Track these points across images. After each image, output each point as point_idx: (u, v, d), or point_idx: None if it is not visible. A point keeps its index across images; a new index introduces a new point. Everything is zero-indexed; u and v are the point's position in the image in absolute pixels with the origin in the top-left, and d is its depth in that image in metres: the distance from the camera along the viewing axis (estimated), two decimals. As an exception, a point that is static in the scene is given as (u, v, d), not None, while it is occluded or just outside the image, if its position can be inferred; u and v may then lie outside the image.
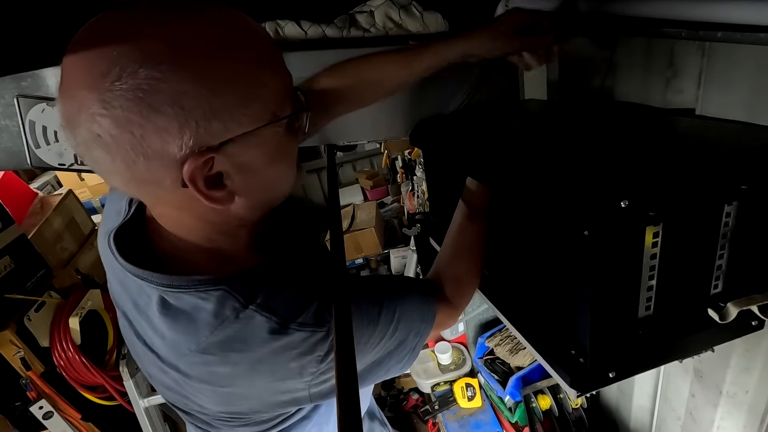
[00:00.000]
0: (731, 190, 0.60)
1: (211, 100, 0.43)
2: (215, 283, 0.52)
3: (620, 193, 0.54)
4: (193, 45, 0.43)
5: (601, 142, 0.75)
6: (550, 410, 1.58)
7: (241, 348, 0.53)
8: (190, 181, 0.46)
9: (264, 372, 0.55)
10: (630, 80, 0.91)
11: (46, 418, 1.46)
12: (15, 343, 1.37)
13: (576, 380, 0.66)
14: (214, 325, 0.52)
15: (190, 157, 0.44)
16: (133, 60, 0.40)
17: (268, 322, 0.53)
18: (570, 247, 0.62)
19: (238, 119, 0.46)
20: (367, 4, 1.06)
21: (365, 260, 2.65)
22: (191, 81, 0.42)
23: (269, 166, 0.52)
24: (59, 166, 1.09)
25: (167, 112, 0.41)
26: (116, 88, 0.40)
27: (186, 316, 0.53)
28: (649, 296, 0.63)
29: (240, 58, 0.45)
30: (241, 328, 0.52)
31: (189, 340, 0.53)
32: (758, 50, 0.66)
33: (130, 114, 0.41)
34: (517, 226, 0.81)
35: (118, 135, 0.42)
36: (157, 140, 0.43)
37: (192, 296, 0.52)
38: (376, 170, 3.60)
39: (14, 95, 1.01)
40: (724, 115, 0.74)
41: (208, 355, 0.53)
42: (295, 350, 0.54)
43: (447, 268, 0.82)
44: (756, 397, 0.86)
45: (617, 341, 0.64)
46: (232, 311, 0.52)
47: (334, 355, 0.53)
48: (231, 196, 0.51)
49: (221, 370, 0.55)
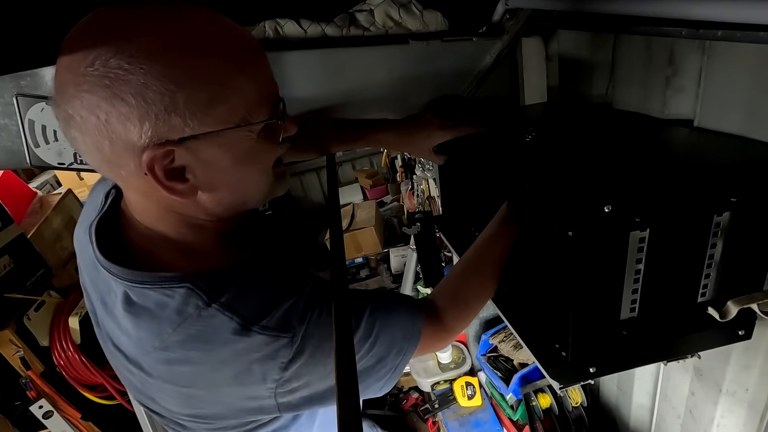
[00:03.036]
0: (721, 201, 0.62)
1: (175, 96, 0.45)
2: (180, 280, 0.52)
3: (604, 198, 0.57)
4: (168, 42, 0.45)
5: (595, 149, 0.77)
6: (550, 409, 1.58)
7: (203, 347, 0.53)
8: (149, 169, 0.47)
9: (225, 374, 0.54)
10: (630, 79, 0.91)
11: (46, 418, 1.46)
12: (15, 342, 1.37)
13: (557, 372, 0.68)
14: (176, 323, 0.52)
15: (149, 146, 0.46)
16: (107, 50, 0.43)
17: (230, 321, 0.52)
18: (556, 246, 0.64)
19: (202, 118, 0.47)
20: (367, 2, 1.06)
21: (365, 259, 2.65)
22: (157, 76, 0.44)
23: (237, 168, 0.53)
24: (58, 166, 1.08)
25: (130, 102, 0.44)
26: (88, 73, 0.43)
27: (149, 313, 0.53)
28: (634, 299, 0.65)
29: (212, 61, 0.47)
30: (203, 326, 0.52)
31: (152, 337, 0.53)
32: (758, 48, 0.66)
33: (97, 98, 0.44)
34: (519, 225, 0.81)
35: (86, 116, 0.45)
36: (120, 126, 0.45)
37: (156, 292, 0.52)
38: (375, 169, 3.60)
39: (13, 94, 1.00)
40: (725, 114, 0.74)
41: (170, 352, 0.53)
42: (257, 353, 0.53)
43: (450, 285, 0.77)
44: (756, 395, 0.86)
45: (599, 339, 0.66)
46: (195, 309, 0.52)
47: (301, 365, 0.54)
48: (193, 190, 0.52)
49: (183, 369, 0.55)
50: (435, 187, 1.91)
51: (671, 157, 0.70)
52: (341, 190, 3.46)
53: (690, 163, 0.65)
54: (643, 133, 0.84)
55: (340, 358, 0.48)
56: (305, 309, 0.56)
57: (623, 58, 0.90)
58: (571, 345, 0.66)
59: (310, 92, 1.04)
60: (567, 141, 0.84)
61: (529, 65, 1.11)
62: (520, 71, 1.12)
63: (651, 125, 0.86)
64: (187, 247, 0.58)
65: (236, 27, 0.51)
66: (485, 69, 1.07)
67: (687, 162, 0.67)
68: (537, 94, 1.14)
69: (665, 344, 0.71)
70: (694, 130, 0.79)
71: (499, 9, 1.04)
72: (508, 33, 1.04)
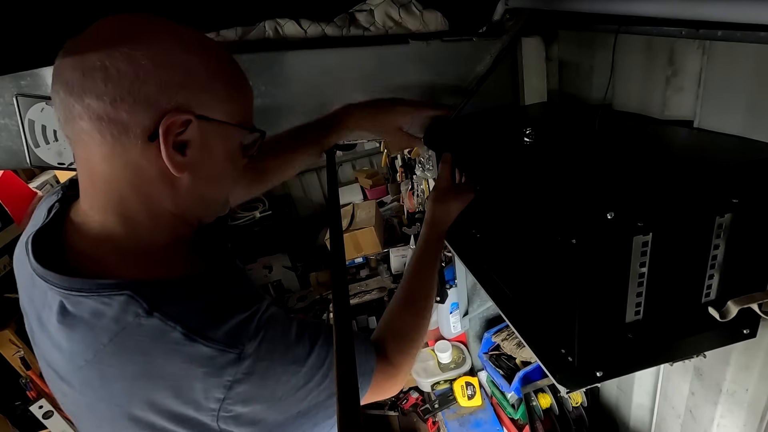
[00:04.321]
0: (723, 203, 0.62)
1: (210, 81, 0.54)
2: (120, 287, 0.50)
3: (607, 205, 0.57)
4: (209, 44, 0.57)
5: (595, 152, 0.77)
6: (550, 409, 1.58)
7: (141, 360, 0.49)
8: (164, 132, 0.51)
9: (164, 391, 0.50)
10: (630, 79, 0.91)
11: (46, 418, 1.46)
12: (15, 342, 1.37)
13: (564, 377, 0.68)
14: (113, 332, 0.49)
15: (172, 110, 0.51)
16: (171, 33, 0.53)
17: (173, 331, 0.49)
18: (561, 253, 0.64)
19: (220, 107, 0.55)
20: (366, 2, 1.06)
21: (365, 259, 2.65)
22: (206, 63, 0.54)
23: (223, 162, 0.58)
24: (58, 166, 1.08)
25: (175, 71, 0.51)
26: (153, 42, 0.51)
27: (84, 323, 0.50)
28: (639, 302, 0.65)
29: (238, 71, 0.59)
30: (142, 337, 0.49)
31: (85, 349, 0.50)
32: (759, 49, 0.66)
33: (148, 61, 0.49)
34: (518, 228, 0.81)
35: (125, 69, 0.49)
36: (155, 88, 0.50)
37: (93, 300, 0.50)
38: (375, 169, 3.59)
39: (13, 94, 1.00)
40: (725, 115, 0.74)
41: (104, 366, 0.50)
42: (200, 368, 0.50)
43: (388, 322, 0.78)
44: (756, 395, 0.86)
45: (605, 343, 0.66)
46: (134, 317, 0.49)
47: (248, 388, 0.51)
48: (183, 168, 0.54)
49: (118, 386, 0.51)
50: (435, 187, 1.91)
51: (672, 160, 0.70)
52: (341, 190, 3.46)
53: (691, 165, 0.65)
54: (643, 134, 0.84)
55: (341, 358, 0.48)
56: (257, 328, 0.53)
57: (623, 58, 0.90)
58: (578, 350, 0.65)
59: (310, 92, 1.04)
60: (567, 143, 0.84)
61: (529, 65, 1.11)
62: (520, 71, 1.12)
63: (651, 126, 0.86)
64: (136, 249, 0.55)
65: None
66: (485, 69, 1.07)
67: (688, 164, 0.67)
68: (537, 94, 1.14)
69: (670, 345, 0.71)
70: (694, 130, 0.79)
71: (499, 9, 1.04)
72: (508, 33, 1.04)
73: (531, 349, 0.76)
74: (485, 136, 0.97)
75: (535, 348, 0.76)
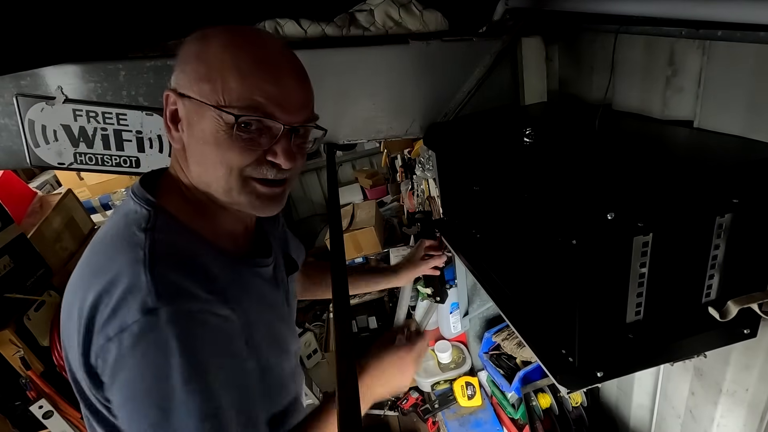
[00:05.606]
0: (723, 203, 0.62)
1: (193, 62, 0.61)
2: (151, 205, 0.62)
3: (607, 206, 0.57)
4: (215, 40, 0.62)
5: (595, 153, 0.77)
6: (550, 408, 1.58)
7: (103, 253, 0.60)
8: (164, 104, 0.63)
9: (97, 287, 0.55)
10: (630, 79, 0.91)
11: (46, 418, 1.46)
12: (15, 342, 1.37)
13: (564, 377, 0.68)
14: (119, 225, 0.61)
15: (172, 89, 0.63)
16: (197, 35, 0.64)
17: (139, 249, 0.56)
18: (561, 254, 0.64)
19: (192, 85, 0.61)
20: (367, 2, 1.06)
21: (365, 259, 2.65)
22: (196, 49, 0.62)
23: (202, 144, 0.62)
24: (58, 166, 1.09)
25: (181, 58, 0.63)
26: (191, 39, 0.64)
27: (118, 211, 0.64)
28: (639, 302, 0.65)
29: (221, 53, 0.60)
30: (121, 239, 0.58)
31: (102, 229, 0.64)
32: (758, 48, 0.66)
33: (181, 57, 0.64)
34: (518, 229, 0.81)
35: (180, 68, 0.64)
36: (173, 74, 0.64)
37: (135, 203, 0.62)
38: (375, 169, 3.59)
39: (13, 94, 1.00)
40: (725, 115, 0.74)
41: (89, 247, 0.62)
42: (119, 290, 0.53)
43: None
44: (756, 395, 0.86)
45: (605, 343, 0.66)
46: (138, 227, 0.59)
47: (116, 354, 0.52)
48: (177, 142, 0.64)
49: (76, 274, 0.60)
50: (435, 187, 1.91)
51: (672, 160, 0.70)
52: (341, 190, 3.46)
53: (691, 166, 0.65)
54: (643, 134, 0.83)
55: (341, 358, 0.48)
56: (168, 321, 0.52)
57: (623, 58, 0.90)
58: (578, 350, 0.65)
59: (310, 92, 1.04)
60: (567, 144, 0.84)
61: (529, 65, 1.11)
62: (520, 71, 1.12)
63: (651, 126, 0.86)
64: (182, 196, 0.66)
65: (270, 47, 0.64)
66: (485, 69, 1.07)
67: (688, 164, 0.67)
68: (537, 94, 1.14)
69: (671, 345, 0.71)
70: (694, 130, 0.79)
71: (499, 9, 1.04)
72: (508, 33, 1.04)
73: (531, 349, 0.76)
74: (485, 136, 0.97)
75: (536, 348, 0.76)
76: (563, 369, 0.69)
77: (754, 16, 0.58)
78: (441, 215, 1.30)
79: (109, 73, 1.00)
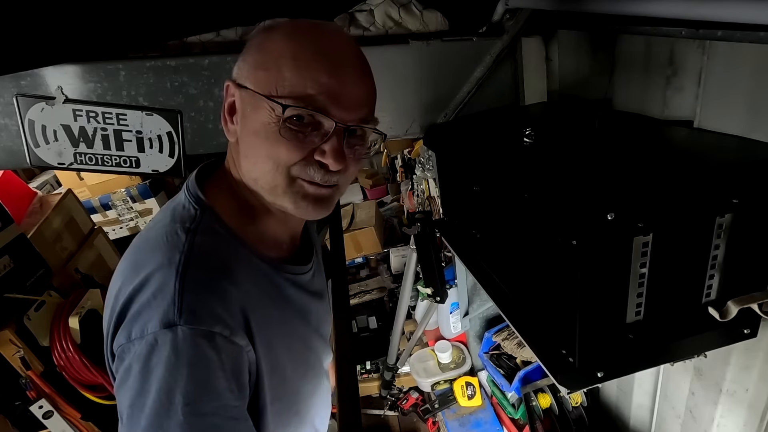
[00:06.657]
0: (723, 203, 0.62)
1: (251, 51, 0.61)
2: (200, 204, 0.61)
3: (607, 206, 0.57)
4: (273, 32, 0.61)
5: (595, 153, 0.77)
6: (550, 408, 1.58)
7: (140, 247, 0.59)
8: (224, 94, 0.62)
9: (128, 281, 0.56)
10: (630, 79, 0.91)
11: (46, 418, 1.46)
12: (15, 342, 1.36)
13: (565, 378, 0.68)
14: (164, 222, 0.60)
15: (232, 79, 0.62)
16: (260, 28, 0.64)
17: (178, 252, 0.55)
18: (561, 254, 0.64)
19: (247, 74, 0.60)
20: (366, 2, 1.06)
21: (365, 259, 2.65)
22: (258, 40, 0.61)
23: (254, 136, 0.60)
24: (58, 166, 1.08)
25: (244, 50, 0.63)
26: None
27: (170, 204, 0.63)
28: (639, 302, 0.65)
29: (282, 43, 0.59)
30: (163, 236, 0.57)
31: (154, 219, 0.64)
32: (758, 48, 0.66)
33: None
34: (518, 229, 0.81)
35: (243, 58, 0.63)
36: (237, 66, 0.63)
37: (186, 198, 0.62)
38: (375, 169, 3.59)
39: (13, 94, 1.00)
40: (725, 115, 0.74)
41: (135, 240, 0.61)
42: (149, 291, 0.53)
43: None
44: (756, 395, 0.86)
45: (606, 343, 0.66)
46: (182, 224, 0.58)
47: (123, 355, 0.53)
48: (232, 135, 0.63)
49: (117, 271, 0.60)
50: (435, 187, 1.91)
51: (672, 160, 0.70)
52: (341, 190, 3.44)
53: (691, 166, 0.65)
54: (643, 134, 0.84)
55: (341, 358, 0.48)
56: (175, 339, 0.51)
57: (623, 58, 0.90)
58: (578, 351, 0.66)
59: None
60: (567, 144, 0.84)
61: (529, 65, 1.11)
62: (520, 71, 1.12)
63: (651, 126, 0.86)
64: (231, 194, 0.65)
65: (334, 39, 0.62)
66: (485, 69, 1.07)
67: (688, 164, 0.67)
68: (537, 94, 1.14)
69: (671, 345, 0.71)
70: (694, 130, 0.79)
71: (499, 9, 1.04)
72: (508, 33, 1.04)
73: (532, 349, 0.76)
74: (485, 136, 0.97)
75: (536, 348, 0.76)
76: (563, 369, 0.69)
77: (754, 16, 0.58)
78: (441, 215, 1.30)
79: (109, 73, 1.00)
